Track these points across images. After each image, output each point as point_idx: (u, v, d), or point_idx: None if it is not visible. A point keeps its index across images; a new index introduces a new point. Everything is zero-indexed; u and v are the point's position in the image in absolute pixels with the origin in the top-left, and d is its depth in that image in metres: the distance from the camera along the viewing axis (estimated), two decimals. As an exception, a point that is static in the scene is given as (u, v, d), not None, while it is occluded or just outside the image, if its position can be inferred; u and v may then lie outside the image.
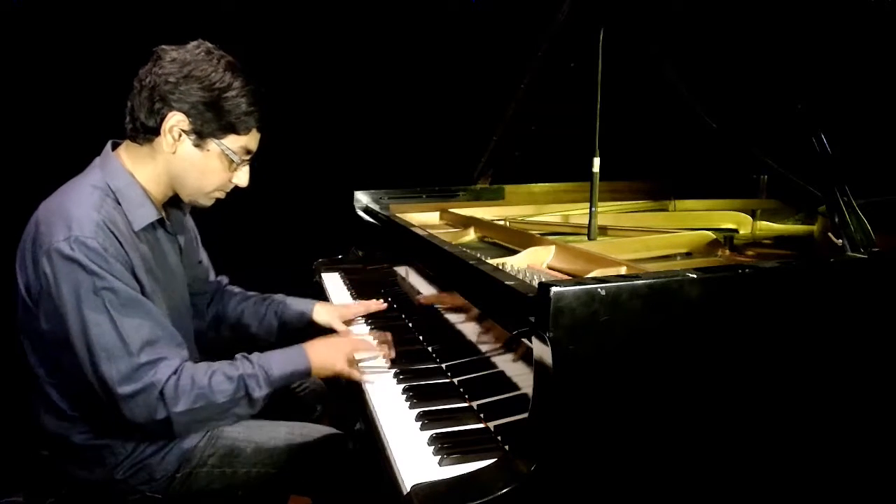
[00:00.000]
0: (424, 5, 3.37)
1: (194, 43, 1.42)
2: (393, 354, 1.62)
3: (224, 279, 1.98)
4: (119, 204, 1.40)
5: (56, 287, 1.29)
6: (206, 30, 1.60)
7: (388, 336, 1.69)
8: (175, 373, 1.33)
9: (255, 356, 1.44)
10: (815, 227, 1.85)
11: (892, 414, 1.24)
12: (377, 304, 1.93)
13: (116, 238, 1.34)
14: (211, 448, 1.53)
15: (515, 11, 3.22)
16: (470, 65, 3.37)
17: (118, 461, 1.46)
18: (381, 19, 3.35)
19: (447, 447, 1.22)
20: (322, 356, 1.50)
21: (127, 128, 1.43)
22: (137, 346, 1.30)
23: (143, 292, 1.39)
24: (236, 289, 1.95)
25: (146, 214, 1.44)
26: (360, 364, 1.58)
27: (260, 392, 1.41)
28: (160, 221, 1.49)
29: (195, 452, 1.51)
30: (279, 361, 1.45)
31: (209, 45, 1.42)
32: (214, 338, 1.91)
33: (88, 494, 1.54)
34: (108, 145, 1.48)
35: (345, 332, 1.83)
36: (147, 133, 1.40)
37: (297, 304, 1.89)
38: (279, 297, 1.90)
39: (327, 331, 1.85)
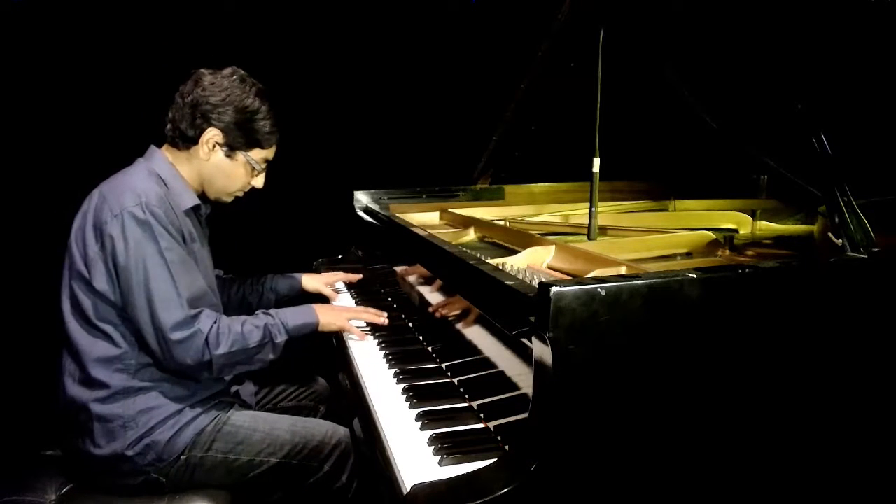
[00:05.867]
0: (424, 5, 3.36)
1: (229, 70, 1.67)
2: (384, 322, 1.84)
3: (220, 272, 2.10)
4: (167, 188, 1.62)
5: (124, 243, 1.49)
6: (207, 30, 1.61)
7: (382, 312, 1.88)
8: (215, 322, 1.56)
9: (272, 311, 1.71)
10: (815, 227, 1.85)
11: (892, 414, 1.24)
12: (355, 276, 2.28)
13: (173, 210, 1.59)
14: (217, 434, 1.59)
15: (515, 11, 3.22)
16: (470, 65, 3.37)
17: (130, 436, 1.52)
18: (381, 19, 3.35)
19: (447, 447, 1.22)
20: (328, 314, 1.79)
21: (167, 134, 1.67)
22: (188, 297, 1.53)
23: None
24: (230, 276, 2.15)
25: (189, 199, 1.67)
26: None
27: (281, 338, 1.66)
28: (196, 209, 1.70)
29: (202, 437, 1.57)
30: (293, 315, 1.72)
31: (242, 72, 1.68)
32: None
33: (93, 486, 1.57)
34: (152, 146, 1.69)
35: (333, 295, 2.17)
36: (185, 141, 1.65)
37: (286, 278, 2.18)
38: (269, 275, 2.18)
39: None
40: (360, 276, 2.27)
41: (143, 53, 2.90)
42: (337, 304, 2.11)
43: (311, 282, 2.18)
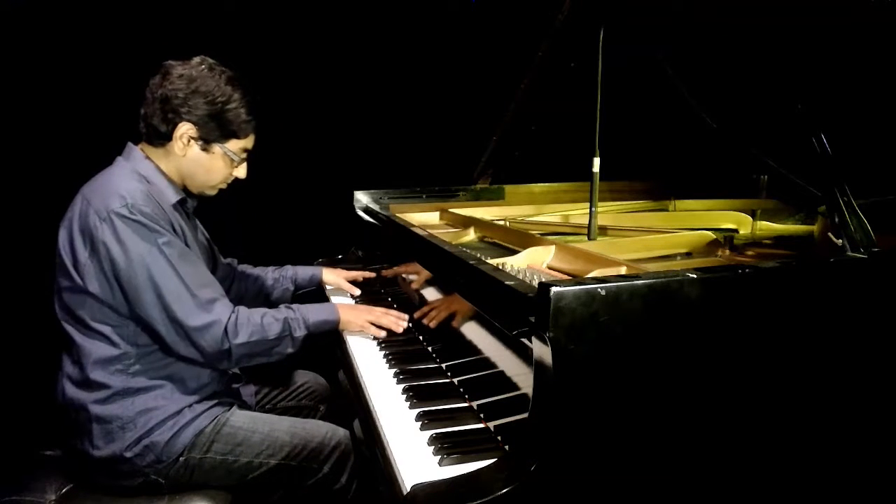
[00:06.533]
0: (424, 5, 3.36)
1: (197, 59, 1.61)
2: (402, 328, 1.80)
3: (234, 261, 2.11)
4: (150, 185, 1.59)
5: (120, 246, 1.47)
6: (207, 30, 1.60)
7: (404, 315, 1.84)
8: (233, 311, 1.56)
9: (294, 305, 1.70)
10: (815, 227, 1.85)
11: (892, 413, 1.24)
12: (371, 275, 2.24)
13: (161, 206, 1.57)
14: (216, 435, 1.58)
15: (515, 11, 3.22)
16: (470, 65, 3.37)
17: (129, 437, 1.52)
18: (381, 19, 3.35)
19: (447, 447, 1.22)
20: (349, 314, 1.79)
21: (141, 132, 1.63)
22: (197, 287, 1.53)
23: None
24: (248, 266, 2.13)
25: (172, 195, 1.64)
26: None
27: (300, 332, 1.65)
28: (181, 204, 1.67)
29: (201, 438, 1.57)
30: (314, 311, 1.71)
31: (211, 60, 1.63)
32: None
33: (92, 487, 1.57)
34: (129, 144, 1.65)
35: (353, 289, 2.15)
36: (159, 138, 1.61)
37: (307, 269, 2.17)
38: (288, 266, 2.17)
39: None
40: (374, 276, 2.24)
41: (136, 49, 2.89)
42: (353, 304, 2.08)
43: (330, 276, 2.17)
